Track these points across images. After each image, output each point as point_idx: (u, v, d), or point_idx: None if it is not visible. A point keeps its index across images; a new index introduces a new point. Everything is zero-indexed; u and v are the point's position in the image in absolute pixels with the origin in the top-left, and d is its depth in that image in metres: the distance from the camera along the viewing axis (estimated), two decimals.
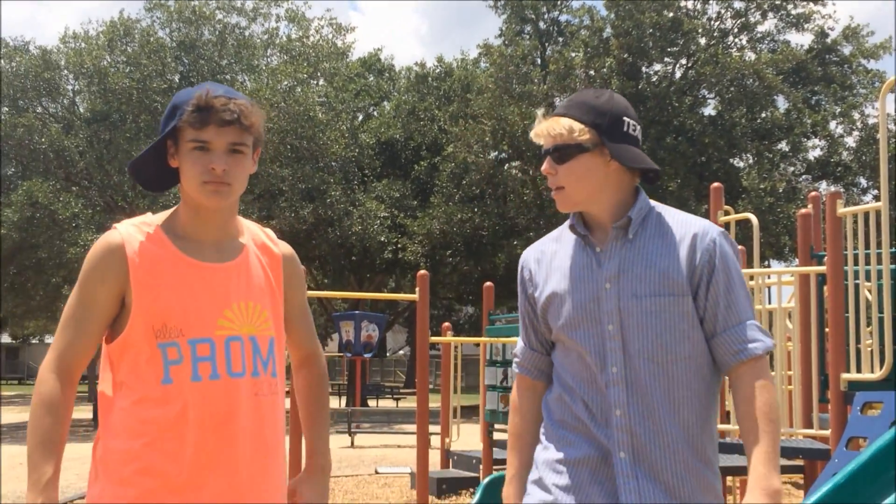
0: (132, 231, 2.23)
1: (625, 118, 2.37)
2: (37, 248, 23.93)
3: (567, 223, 2.44)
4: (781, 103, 27.15)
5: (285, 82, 25.53)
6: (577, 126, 2.32)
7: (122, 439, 2.17)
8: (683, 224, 2.32)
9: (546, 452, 2.37)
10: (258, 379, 2.27)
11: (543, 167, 2.37)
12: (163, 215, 2.31)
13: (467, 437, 13.09)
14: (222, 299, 2.24)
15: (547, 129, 2.35)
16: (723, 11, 27.38)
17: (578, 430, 2.31)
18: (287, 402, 4.65)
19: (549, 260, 2.43)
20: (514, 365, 2.57)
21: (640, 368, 2.25)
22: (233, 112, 2.20)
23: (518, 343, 2.54)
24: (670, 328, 2.25)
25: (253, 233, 2.43)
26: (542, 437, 2.42)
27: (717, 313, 2.26)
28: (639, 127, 2.43)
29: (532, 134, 2.41)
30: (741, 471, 7.21)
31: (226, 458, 2.20)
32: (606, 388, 2.26)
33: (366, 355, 24.58)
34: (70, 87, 26.66)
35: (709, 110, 27.94)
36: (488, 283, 10.72)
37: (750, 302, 2.32)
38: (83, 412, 30.37)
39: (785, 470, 7.45)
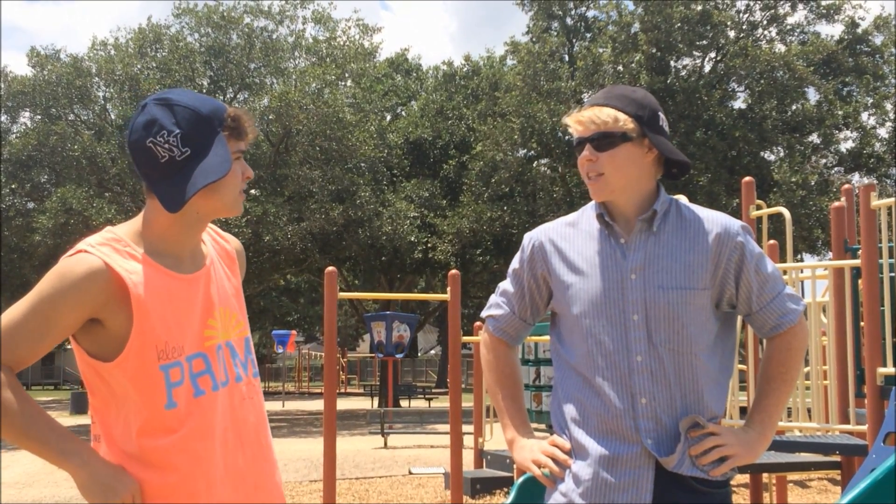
0: (109, 252, 2.11)
1: (660, 113, 2.45)
2: None
3: (588, 211, 2.51)
4: (812, 95, 26.89)
5: (313, 84, 25.64)
6: (622, 116, 2.38)
7: (138, 472, 2.09)
8: (706, 220, 2.41)
9: (575, 452, 2.39)
10: (243, 382, 2.28)
11: (584, 154, 2.40)
12: (127, 229, 2.20)
13: (500, 437, 13.06)
14: (206, 310, 2.22)
15: (591, 116, 2.39)
16: (752, 3, 27.16)
17: (603, 425, 2.33)
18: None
19: (567, 244, 2.48)
20: (491, 325, 2.61)
21: (663, 358, 2.31)
22: (253, 125, 2.27)
23: (502, 306, 2.59)
24: (693, 320, 2.33)
25: (206, 233, 2.39)
26: (565, 437, 2.43)
27: (751, 296, 2.39)
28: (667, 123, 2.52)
29: (571, 120, 2.44)
30: (776, 468, 7.16)
31: (237, 466, 2.21)
32: (630, 376, 2.31)
33: (397, 356, 24.66)
34: (101, 94, 26.93)
35: (738, 104, 27.74)
36: None
37: (778, 273, 2.45)
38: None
39: (821, 466, 7.37)
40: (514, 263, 2.58)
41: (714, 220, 2.41)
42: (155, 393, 2.10)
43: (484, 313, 2.67)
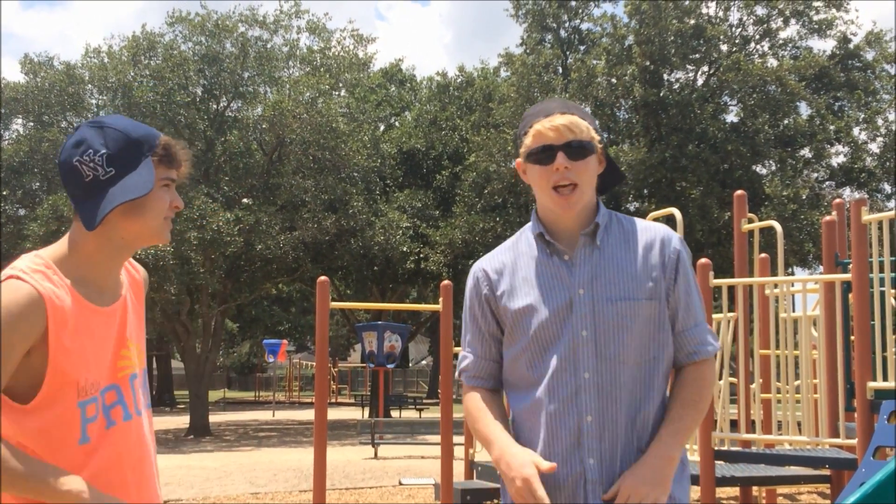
0: (42, 280, 2.04)
1: None
2: None
3: (525, 232, 2.48)
4: (804, 110, 27.03)
5: (307, 94, 25.64)
6: (587, 126, 2.36)
7: None
8: (645, 230, 2.40)
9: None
10: (145, 412, 2.30)
11: (558, 161, 2.31)
12: (53, 253, 2.16)
13: None
14: (120, 341, 2.21)
15: (567, 124, 2.33)
16: (745, 18, 27.30)
17: (548, 447, 2.28)
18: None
19: (510, 272, 2.42)
20: (464, 378, 2.50)
21: (612, 372, 2.27)
22: (188, 157, 2.30)
23: (467, 356, 2.49)
24: (642, 331, 2.30)
25: None
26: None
27: (677, 314, 2.36)
28: None
29: (544, 126, 2.34)
30: (766, 481, 7.17)
31: (149, 494, 2.25)
32: (577, 394, 2.26)
33: (389, 366, 24.62)
34: (94, 102, 26.88)
35: (731, 117, 27.84)
36: None
37: (703, 304, 2.44)
38: None
39: (811, 480, 7.39)
40: (466, 302, 2.52)
41: (655, 230, 2.40)
42: (70, 431, 2.07)
43: (457, 373, 2.56)
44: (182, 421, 30.31)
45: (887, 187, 26.89)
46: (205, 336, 26.82)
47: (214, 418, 30.80)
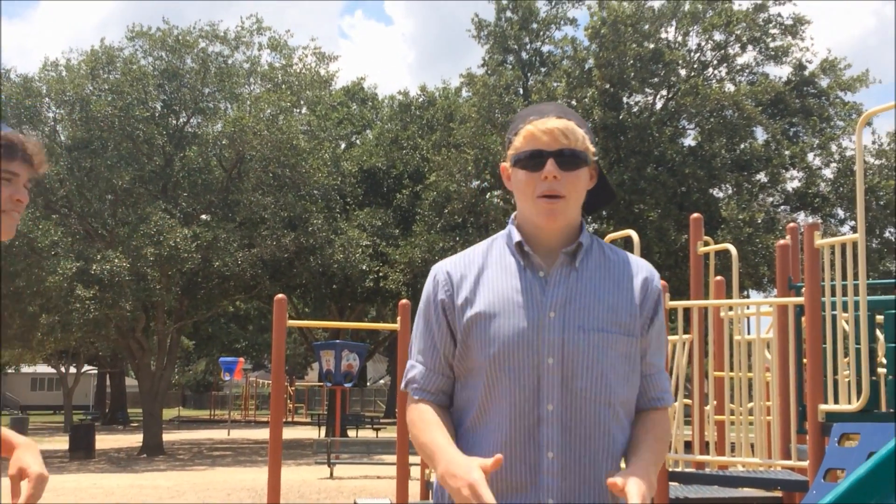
0: None
1: None
2: (14, 277, 23.77)
3: (498, 240, 2.23)
4: (760, 135, 27.42)
5: (268, 110, 25.56)
6: (583, 135, 2.14)
7: None
8: (631, 263, 2.19)
9: None
10: None
11: (547, 168, 2.09)
12: None
13: None
14: None
15: (562, 129, 2.11)
16: (703, 43, 27.68)
17: (503, 483, 2.05)
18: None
19: (475, 275, 2.16)
20: (410, 390, 2.24)
21: (579, 408, 2.05)
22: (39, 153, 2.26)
23: (416, 366, 2.22)
24: (615, 367, 2.08)
25: None
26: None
27: (646, 356, 2.18)
28: None
29: (540, 129, 2.12)
30: (719, 503, 7.21)
31: None
32: (538, 426, 2.04)
33: (346, 385, 24.50)
34: (51, 115, 26.58)
35: (689, 141, 28.18)
36: None
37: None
38: (58, 443, 30.03)
39: (763, 502, 7.45)
40: (420, 306, 2.25)
41: (639, 264, 2.20)
42: None
43: (402, 383, 2.29)
44: (135, 439, 29.89)
45: (841, 212, 27.33)
46: (160, 353, 26.53)
47: (168, 437, 30.41)
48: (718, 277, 7.82)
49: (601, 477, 2.05)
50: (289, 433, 32.14)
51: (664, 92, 27.50)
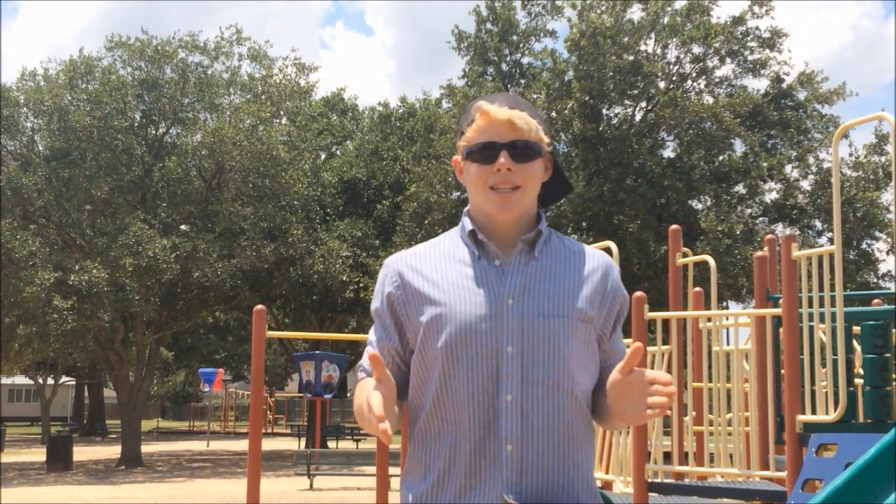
0: None
1: None
2: None
3: (451, 234, 2.19)
4: (739, 147, 27.58)
5: (248, 121, 25.51)
6: (536, 126, 2.11)
7: None
8: (589, 253, 2.17)
9: None
10: None
11: (500, 161, 2.05)
12: None
13: None
14: None
15: (513, 118, 2.07)
16: (682, 56, 27.85)
17: (461, 478, 1.99)
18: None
19: (429, 268, 2.12)
20: (359, 373, 2.16)
21: (539, 397, 1.99)
22: None
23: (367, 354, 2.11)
24: (576, 355, 2.03)
25: None
26: (410, 492, 2.09)
27: (615, 345, 2.17)
28: None
29: (491, 119, 2.07)
30: None
31: None
32: (497, 419, 1.97)
33: (326, 396, 24.44)
34: (29, 125, 26.44)
35: (668, 153, 28.31)
36: None
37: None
38: (36, 455, 29.78)
39: None
40: (374, 302, 2.19)
41: (598, 255, 2.17)
42: None
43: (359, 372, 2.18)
44: (114, 451, 29.67)
45: (818, 224, 27.52)
46: (139, 364, 26.37)
47: (147, 448, 30.21)
48: (697, 288, 7.86)
49: (562, 468, 2.00)
50: (268, 444, 32.00)
51: (643, 104, 27.64)
